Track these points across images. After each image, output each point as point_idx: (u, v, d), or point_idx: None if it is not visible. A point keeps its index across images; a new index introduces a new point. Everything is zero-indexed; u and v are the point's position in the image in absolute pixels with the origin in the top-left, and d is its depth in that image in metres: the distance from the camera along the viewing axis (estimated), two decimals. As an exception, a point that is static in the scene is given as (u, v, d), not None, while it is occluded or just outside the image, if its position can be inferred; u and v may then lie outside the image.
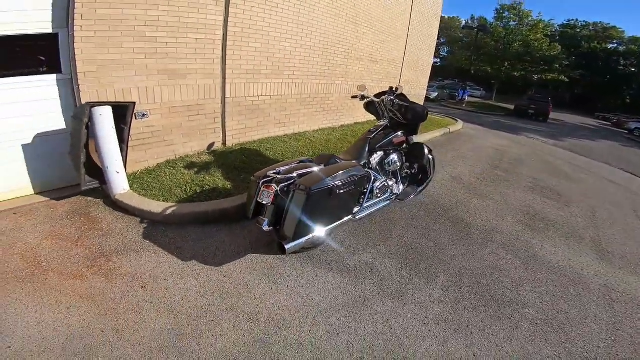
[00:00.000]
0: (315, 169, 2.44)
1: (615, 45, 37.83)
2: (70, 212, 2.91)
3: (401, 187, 3.35)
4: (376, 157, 3.06)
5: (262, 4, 4.31)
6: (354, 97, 3.44)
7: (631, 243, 3.76)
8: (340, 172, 2.29)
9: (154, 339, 1.78)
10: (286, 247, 2.14)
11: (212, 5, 3.73)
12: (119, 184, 3.05)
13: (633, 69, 35.76)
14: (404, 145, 3.34)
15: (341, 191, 2.25)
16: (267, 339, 1.84)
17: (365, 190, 2.64)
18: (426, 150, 3.35)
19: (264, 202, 2.23)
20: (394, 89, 3.26)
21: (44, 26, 2.89)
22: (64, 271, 2.22)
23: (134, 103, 3.13)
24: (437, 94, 22.28)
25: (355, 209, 2.69)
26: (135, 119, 3.38)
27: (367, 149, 2.91)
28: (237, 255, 2.54)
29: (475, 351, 1.94)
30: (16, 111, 2.92)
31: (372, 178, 2.74)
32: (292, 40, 4.94)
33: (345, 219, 2.57)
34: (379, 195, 2.96)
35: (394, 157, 3.18)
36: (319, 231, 2.36)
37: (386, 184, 3.04)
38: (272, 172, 2.33)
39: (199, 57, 3.79)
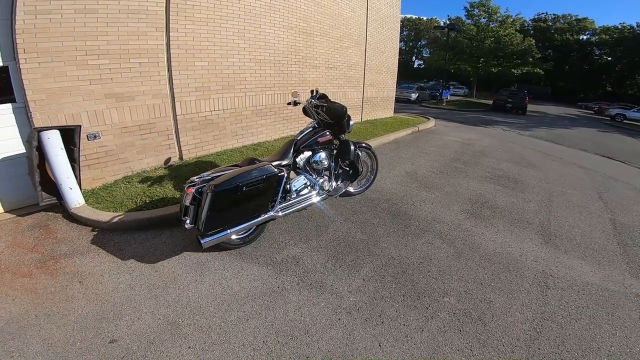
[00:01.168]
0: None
1: (588, 36, 38.48)
2: (32, 226, 3.21)
3: (333, 183, 3.49)
4: (303, 157, 3.28)
5: (204, 26, 4.56)
6: (289, 103, 3.70)
7: (583, 225, 3.65)
8: (247, 172, 2.52)
9: (77, 321, 2.06)
10: (202, 241, 2.42)
11: (152, 31, 4.00)
12: (74, 199, 3.34)
13: (609, 58, 36.39)
14: (333, 143, 3.54)
15: (248, 189, 2.48)
16: (179, 322, 2.07)
17: (279, 188, 2.80)
18: (352, 147, 3.41)
19: (187, 204, 2.51)
20: (314, 92, 3.53)
21: (-5, 60, 3.15)
22: (17, 271, 2.54)
23: (80, 126, 3.42)
24: (417, 95, 21.61)
25: (277, 207, 2.88)
26: (88, 140, 3.68)
27: (292, 150, 3.14)
28: (172, 253, 2.80)
29: (382, 341, 1.95)
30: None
31: (286, 176, 2.91)
32: (240, 56, 5.19)
33: (265, 216, 2.78)
34: (303, 192, 3.20)
35: (320, 155, 3.36)
36: (237, 228, 2.60)
37: (310, 182, 3.26)
38: (196, 177, 2.62)
39: (145, 80, 4.05)
